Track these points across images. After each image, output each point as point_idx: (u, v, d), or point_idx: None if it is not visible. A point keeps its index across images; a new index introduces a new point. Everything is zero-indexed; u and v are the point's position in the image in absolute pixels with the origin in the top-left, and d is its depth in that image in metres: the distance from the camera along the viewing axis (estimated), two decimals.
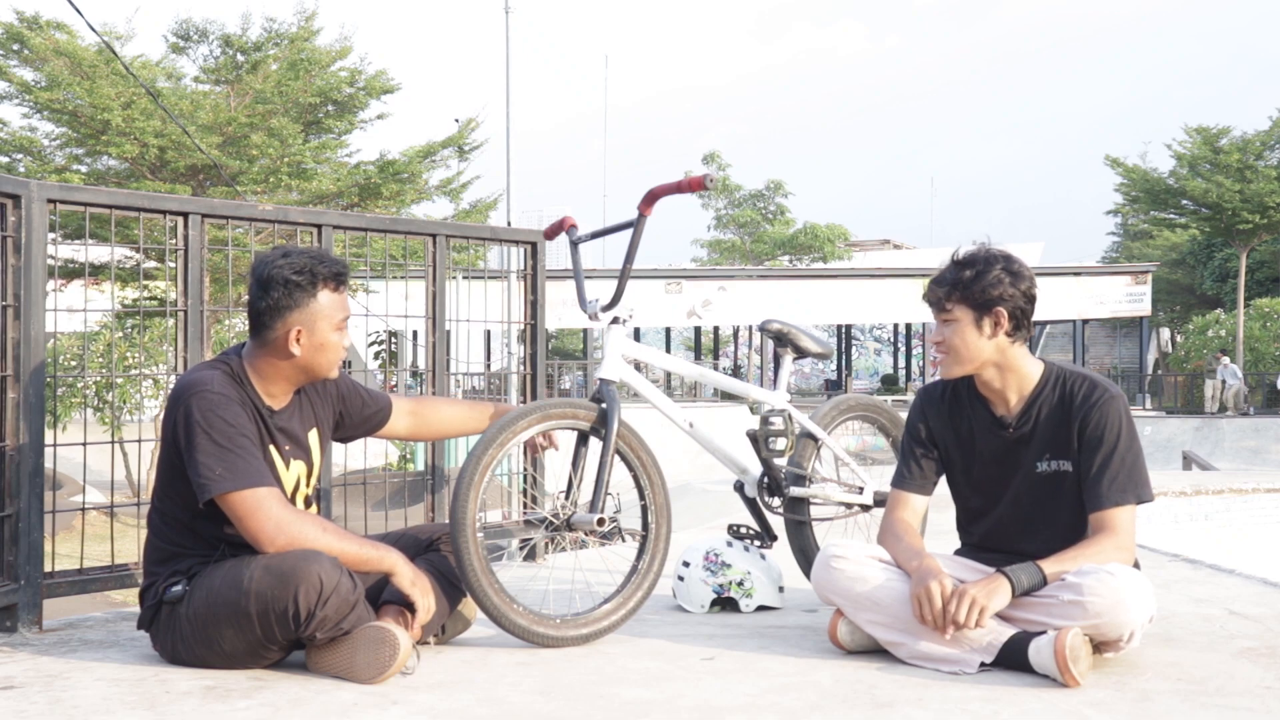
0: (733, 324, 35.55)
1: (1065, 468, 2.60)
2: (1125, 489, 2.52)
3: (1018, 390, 2.64)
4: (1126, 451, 2.53)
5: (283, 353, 2.52)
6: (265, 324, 2.51)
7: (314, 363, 2.56)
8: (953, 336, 2.61)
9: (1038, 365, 2.66)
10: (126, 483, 11.94)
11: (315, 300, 2.51)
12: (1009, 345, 2.59)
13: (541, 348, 4.17)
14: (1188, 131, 26.90)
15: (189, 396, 2.42)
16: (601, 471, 2.79)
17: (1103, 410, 2.54)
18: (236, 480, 2.37)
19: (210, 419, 2.39)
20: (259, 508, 2.37)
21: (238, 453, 2.39)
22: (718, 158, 33.61)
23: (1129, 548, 2.51)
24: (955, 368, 2.64)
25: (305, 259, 2.52)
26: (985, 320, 2.57)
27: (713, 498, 9.54)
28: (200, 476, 2.37)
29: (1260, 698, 2.24)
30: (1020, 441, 2.65)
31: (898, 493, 2.79)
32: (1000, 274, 2.56)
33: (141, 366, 11.16)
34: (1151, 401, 28.92)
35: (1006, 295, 2.55)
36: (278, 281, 2.49)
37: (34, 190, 2.92)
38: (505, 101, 17.87)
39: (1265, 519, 9.22)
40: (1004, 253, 2.62)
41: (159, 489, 2.54)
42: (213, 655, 2.42)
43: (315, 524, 2.44)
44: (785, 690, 2.32)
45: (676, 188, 2.87)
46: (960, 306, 2.59)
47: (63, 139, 16.06)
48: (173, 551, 2.51)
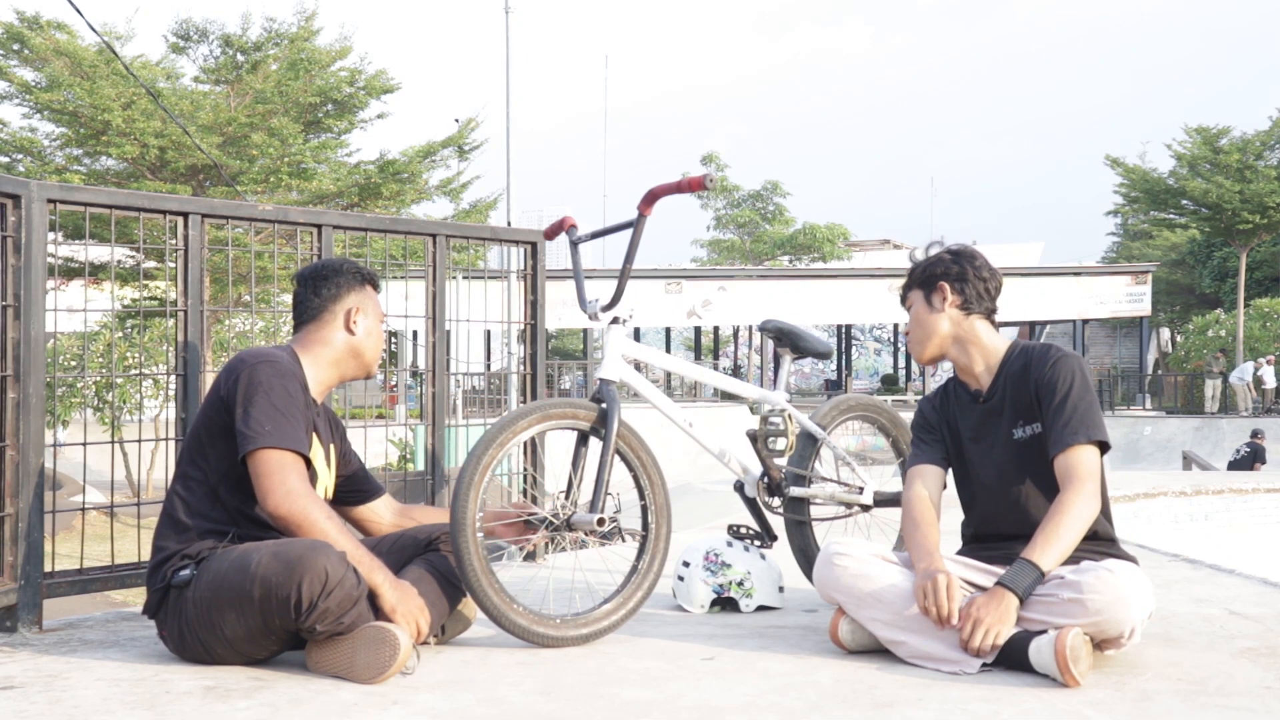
0: (733, 324, 35.53)
1: (1037, 430, 2.67)
2: (1077, 431, 2.57)
3: (984, 363, 2.77)
4: (1079, 400, 2.60)
5: (338, 334, 2.73)
6: (325, 307, 2.74)
7: (365, 347, 2.77)
8: (912, 321, 2.84)
9: (1004, 340, 2.79)
10: (126, 483, 11.94)
11: (366, 290, 2.81)
12: (963, 318, 2.76)
13: (541, 348, 4.17)
14: (1188, 131, 26.91)
15: (258, 363, 2.55)
16: (601, 471, 2.79)
17: (1056, 367, 2.65)
18: (278, 439, 2.48)
19: (273, 384, 2.53)
20: (281, 468, 2.47)
21: (290, 418, 2.52)
22: (716, 158, 33.59)
23: (1093, 493, 2.54)
24: (919, 347, 2.82)
25: (347, 264, 2.81)
26: (933, 296, 2.78)
27: (713, 498, 9.55)
28: (249, 429, 2.48)
29: (1260, 698, 2.24)
30: (994, 412, 2.74)
31: (914, 468, 2.86)
32: (942, 256, 2.82)
33: (141, 366, 11.16)
34: (1151, 401, 28.91)
35: (949, 271, 2.77)
36: (338, 269, 2.78)
37: (34, 190, 2.92)
38: (505, 101, 17.85)
39: (1265, 519, 9.22)
40: (959, 247, 2.84)
41: (189, 453, 2.60)
42: (215, 641, 2.42)
43: (323, 510, 2.50)
44: (785, 690, 2.32)
45: (676, 188, 2.88)
46: (913, 292, 2.85)
47: (63, 139, 16.06)
48: (187, 523, 2.53)
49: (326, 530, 2.45)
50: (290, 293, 2.88)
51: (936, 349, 2.80)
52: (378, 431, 6.88)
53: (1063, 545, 2.47)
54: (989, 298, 2.78)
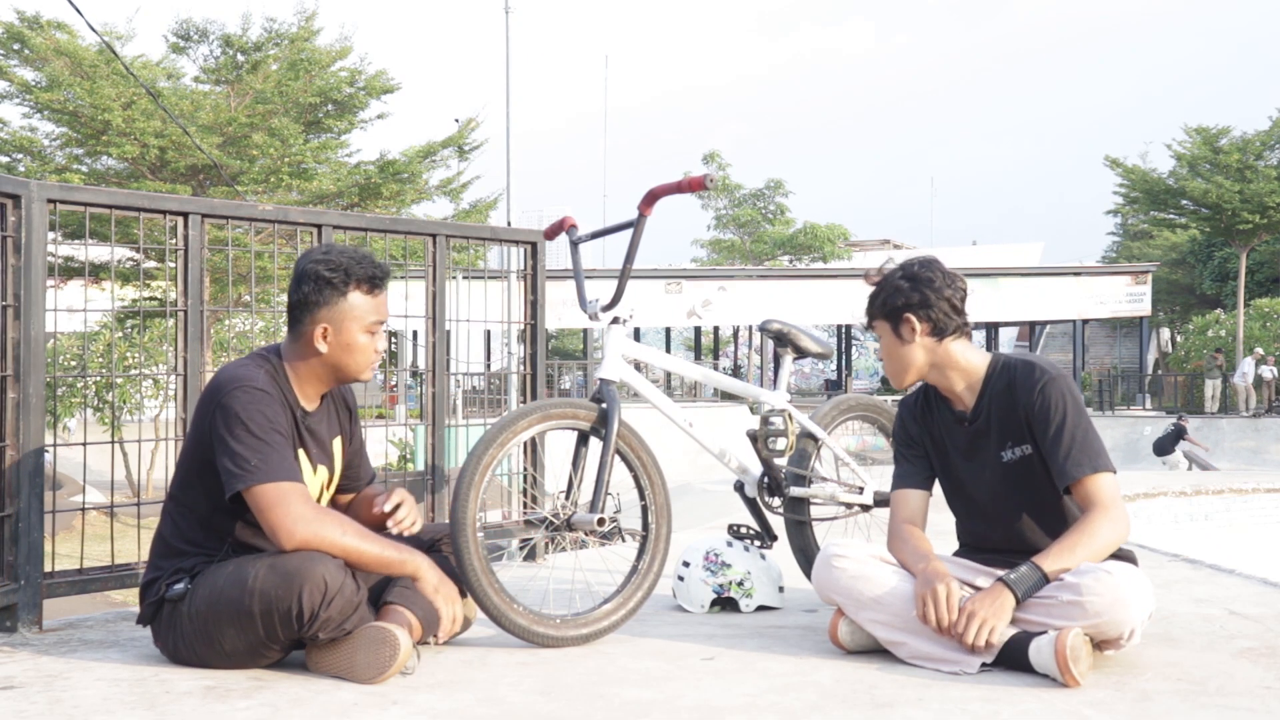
0: (733, 324, 35.51)
1: (1027, 452, 2.63)
2: (1081, 462, 2.54)
3: (966, 385, 2.69)
4: (1075, 427, 2.55)
5: (310, 349, 2.54)
6: (296, 318, 2.55)
7: (342, 362, 2.56)
8: (884, 351, 2.74)
9: (983, 358, 2.70)
10: (126, 483, 11.94)
11: (345, 300, 2.53)
12: (937, 345, 2.66)
13: (541, 348, 4.17)
14: (1188, 131, 26.88)
15: (232, 389, 2.43)
16: (601, 471, 2.79)
17: (1045, 392, 2.57)
18: (269, 474, 2.38)
19: (251, 413, 2.40)
20: (283, 500, 2.37)
21: (274, 447, 2.41)
22: (717, 157, 33.59)
23: (1119, 517, 2.51)
24: (896, 379, 2.73)
25: (343, 258, 2.53)
26: (902, 328, 2.66)
27: (713, 498, 9.56)
28: (234, 467, 2.38)
29: (1260, 698, 2.24)
30: (980, 434, 2.69)
31: (897, 493, 2.81)
32: (899, 282, 2.66)
33: (141, 366, 11.15)
34: (1151, 401, 28.89)
35: (912, 301, 2.64)
36: (310, 276, 2.52)
37: (34, 190, 2.92)
38: (505, 101, 17.83)
39: (1265, 519, 9.23)
40: (908, 260, 2.72)
41: (180, 480, 2.54)
42: (213, 654, 2.41)
43: (337, 523, 2.43)
44: (785, 690, 2.32)
45: (676, 188, 2.87)
46: (879, 322, 2.72)
47: (63, 139, 16.05)
48: (180, 548, 2.50)
49: (347, 547, 2.39)
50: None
51: (915, 377, 2.71)
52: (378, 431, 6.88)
53: (1076, 560, 2.45)
54: (957, 314, 2.65)
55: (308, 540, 2.36)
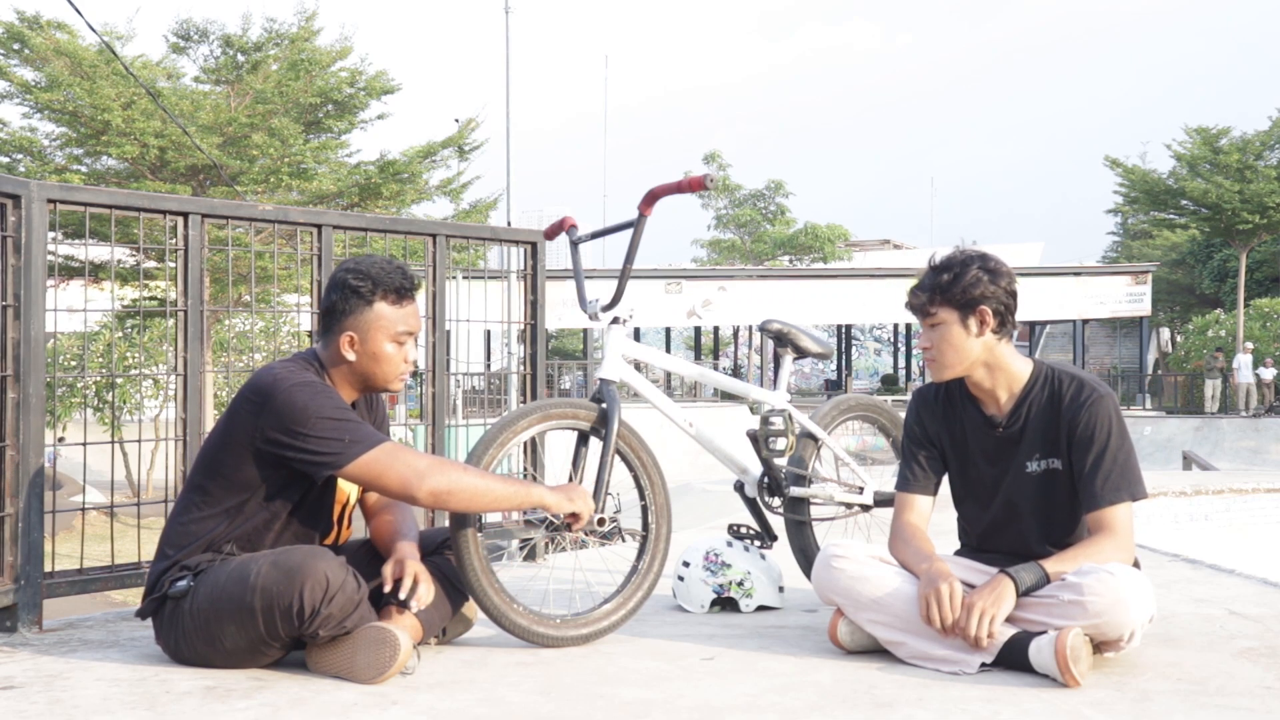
0: (733, 324, 35.52)
1: (1056, 466, 2.60)
2: (1119, 487, 2.51)
3: (1007, 389, 2.65)
4: (1118, 450, 2.53)
5: (340, 357, 2.57)
6: (327, 326, 2.59)
7: (370, 371, 2.58)
8: (940, 340, 2.62)
9: (1027, 364, 2.66)
10: (126, 483, 11.93)
11: (371, 309, 2.55)
12: (996, 343, 2.61)
13: (541, 348, 4.17)
14: (1187, 132, 26.88)
15: (289, 388, 2.42)
16: (601, 471, 2.79)
17: (1092, 410, 2.54)
18: (367, 443, 2.42)
19: (320, 402, 2.43)
20: (396, 459, 2.42)
21: (356, 422, 2.45)
22: (718, 157, 33.62)
23: (1128, 547, 2.51)
24: (946, 371, 2.65)
25: (372, 267, 2.56)
26: (971, 319, 2.58)
27: (713, 498, 9.55)
28: (326, 452, 2.39)
29: (1260, 698, 2.24)
30: (1010, 440, 2.65)
31: (903, 495, 2.79)
32: (978, 273, 2.58)
33: (141, 366, 11.15)
34: (1151, 401, 28.90)
35: (988, 293, 2.57)
36: (338, 285, 2.56)
37: (34, 190, 2.92)
38: (505, 101, 17.83)
39: (1265, 519, 9.22)
40: (979, 252, 2.65)
41: (206, 467, 2.52)
42: (214, 652, 2.42)
43: (452, 465, 2.48)
44: (785, 690, 2.32)
45: (677, 188, 2.87)
46: (945, 309, 2.60)
47: (63, 139, 16.06)
48: (195, 535, 2.48)
49: (476, 485, 2.45)
50: (290, 293, 2.84)
51: (963, 372, 2.63)
52: None
53: (1076, 568, 2.45)
54: (1015, 316, 2.62)
55: (438, 487, 2.42)
